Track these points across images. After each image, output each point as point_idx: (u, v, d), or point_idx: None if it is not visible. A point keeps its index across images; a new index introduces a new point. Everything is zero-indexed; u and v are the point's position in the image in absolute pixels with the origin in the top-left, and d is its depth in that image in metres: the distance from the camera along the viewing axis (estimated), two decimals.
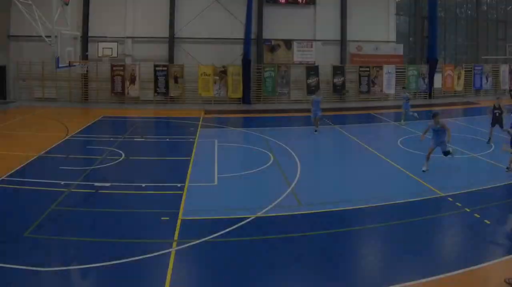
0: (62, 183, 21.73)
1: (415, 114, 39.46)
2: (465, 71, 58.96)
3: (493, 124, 30.85)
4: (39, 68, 50.05)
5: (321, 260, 14.61)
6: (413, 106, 45.14)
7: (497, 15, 65.04)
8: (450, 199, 19.94)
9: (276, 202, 19.45)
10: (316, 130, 34.27)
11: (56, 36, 33.01)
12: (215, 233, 16.35)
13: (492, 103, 31.59)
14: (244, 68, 51.00)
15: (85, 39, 49.90)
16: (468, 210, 18.70)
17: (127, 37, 51.27)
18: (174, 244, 15.53)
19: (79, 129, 35.52)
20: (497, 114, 30.74)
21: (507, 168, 23.24)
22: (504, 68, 60.53)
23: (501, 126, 30.26)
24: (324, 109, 37.78)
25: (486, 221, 17.54)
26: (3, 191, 21.05)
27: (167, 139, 33.37)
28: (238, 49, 51.93)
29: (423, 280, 13.18)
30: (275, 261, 14.56)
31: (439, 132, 24.14)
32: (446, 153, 24.54)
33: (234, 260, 14.55)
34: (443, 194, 20.58)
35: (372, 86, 54.77)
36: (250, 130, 33.69)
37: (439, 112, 24.42)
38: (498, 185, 22.11)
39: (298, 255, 14.83)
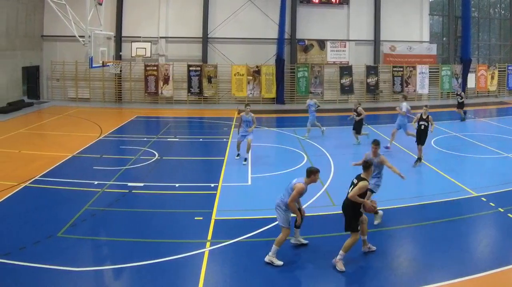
0: (96, 182, 22.00)
1: (323, 128, 33.86)
2: (499, 71, 58.45)
3: (418, 141, 26.34)
4: (73, 68, 50.62)
5: (355, 259, 14.57)
6: (445, 106, 44.76)
7: None
8: (484, 199, 19.86)
9: (310, 202, 19.39)
10: (238, 154, 27.19)
11: (89, 36, 33.28)
12: (248, 233, 16.48)
13: None
14: (277, 68, 51.03)
15: (119, 39, 50.35)
16: (501, 210, 18.70)
17: (161, 37, 51.50)
18: (208, 244, 15.64)
19: (113, 129, 35.85)
20: (422, 127, 26.12)
21: None
22: None
23: (422, 142, 26.21)
24: None
25: None
26: (37, 190, 21.30)
27: (201, 140, 33.42)
28: (272, 49, 51.91)
29: (457, 280, 13.23)
30: (308, 261, 14.60)
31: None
32: None
33: None
34: (476, 194, 20.65)
35: (405, 86, 54.39)
36: (284, 130, 33.65)
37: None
38: None
39: (331, 255, 14.70)
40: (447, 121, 39.75)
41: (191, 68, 50.83)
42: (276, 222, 15.43)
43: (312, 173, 14.94)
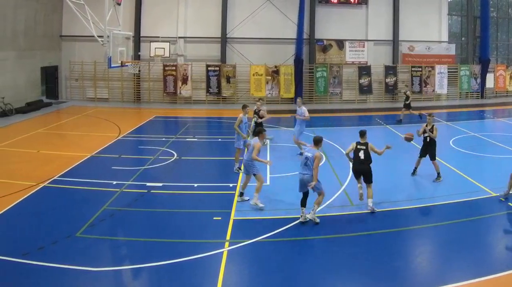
0: (114, 182, 22.05)
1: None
2: None
3: (431, 157, 23.20)
4: (91, 68, 50.90)
5: (374, 259, 14.56)
6: (464, 106, 44.53)
7: None
8: (502, 199, 19.69)
9: (328, 202, 19.36)
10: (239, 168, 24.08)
11: (108, 36, 33.37)
12: (267, 233, 16.42)
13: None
14: (296, 68, 50.88)
15: (137, 39, 50.42)
16: None
17: (179, 37, 51.61)
18: (226, 244, 15.62)
19: (131, 129, 35.97)
20: (428, 139, 23.13)
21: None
22: None
23: (432, 157, 23.13)
24: (376, 109, 37.44)
25: None
26: (55, 190, 21.36)
27: (219, 140, 33.36)
28: (290, 49, 51.81)
29: (475, 280, 13.16)
30: (327, 261, 14.59)
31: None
32: None
33: (286, 260, 14.62)
34: (495, 194, 20.51)
35: (424, 86, 54.17)
36: None
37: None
38: None
39: (351, 255, 14.79)
40: (465, 121, 39.60)
41: (209, 68, 50.84)
42: (296, 221, 15.87)
43: (319, 141, 18.00)
